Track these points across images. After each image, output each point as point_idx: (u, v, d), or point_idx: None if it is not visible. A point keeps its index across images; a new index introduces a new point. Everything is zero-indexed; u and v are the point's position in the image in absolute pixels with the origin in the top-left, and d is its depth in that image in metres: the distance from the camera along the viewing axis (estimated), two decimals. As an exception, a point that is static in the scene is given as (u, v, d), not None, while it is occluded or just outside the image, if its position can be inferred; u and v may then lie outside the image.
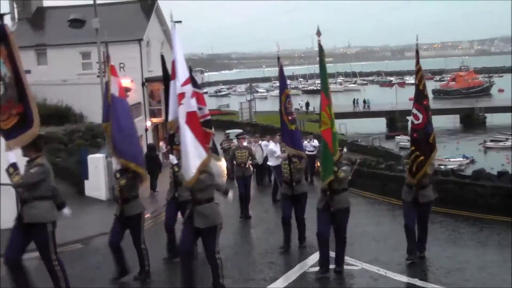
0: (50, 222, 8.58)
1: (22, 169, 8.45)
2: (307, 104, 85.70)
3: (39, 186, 8.49)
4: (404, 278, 9.71)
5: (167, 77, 15.28)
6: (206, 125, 15.03)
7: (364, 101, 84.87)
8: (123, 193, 10.40)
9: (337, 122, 45.42)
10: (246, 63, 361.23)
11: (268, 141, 23.34)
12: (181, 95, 9.14)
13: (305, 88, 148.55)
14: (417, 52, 11.45)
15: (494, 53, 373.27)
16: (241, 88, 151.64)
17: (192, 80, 15.96)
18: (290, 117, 12.70)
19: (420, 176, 10.89)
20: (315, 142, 24.12)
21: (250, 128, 58.64)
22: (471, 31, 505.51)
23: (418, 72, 11.19)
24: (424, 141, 10.93)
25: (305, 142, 22.45)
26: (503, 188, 15.39)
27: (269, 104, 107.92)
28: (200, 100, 15.54)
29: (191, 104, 9.17)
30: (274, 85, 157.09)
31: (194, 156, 8.80)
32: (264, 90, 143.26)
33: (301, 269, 10.42)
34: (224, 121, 67.03)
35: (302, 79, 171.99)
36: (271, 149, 19.85)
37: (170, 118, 14.88)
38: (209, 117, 15.14)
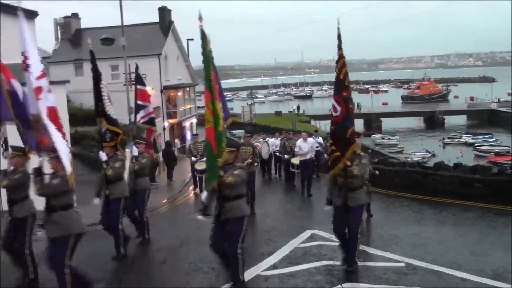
0: None
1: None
2: (298, 108, 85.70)
3: None
4: (378, 252, 9.67)
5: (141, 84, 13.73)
6: (150, 123, 13.38)
7: (357, 105, 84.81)
8: (10, 194, 8.39)
9: (323, 123, 45.16)
10: (247, 73, 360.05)
11: (276, 138, 22.52)
12: (39, 90, 7.28)
13: (297, 94, 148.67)
14: (339, 36, 8.29)
15: (450, 66, 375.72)
16: (243, 94, 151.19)
17: (137, 78, 13.96)
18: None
19: (334, 173, 8.38)
20: (320, 139, 22.43)
21: (251, 127, 58.56)
22: (432, 48, 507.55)
23: (339, 60, 8.43)
24: (341, 136, 8.34)
25: (310, 139, 20.05)
26: (458, 177, 15.41)
27: (266, 107, 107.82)
28: (145, 97, 13.61)
29: (50, 98, 7.35)
30: (270, 91, 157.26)
31: (64, 153, 7.03)
32: (263, 96, 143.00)
33: (292, 245, 10.31)
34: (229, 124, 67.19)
35: (294, 87, 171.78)
36: (299, 146, 17.63)
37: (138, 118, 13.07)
38: (153, 115, 13.62)
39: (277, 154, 21.46)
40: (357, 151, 8.46)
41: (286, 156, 19.20)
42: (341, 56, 8.36)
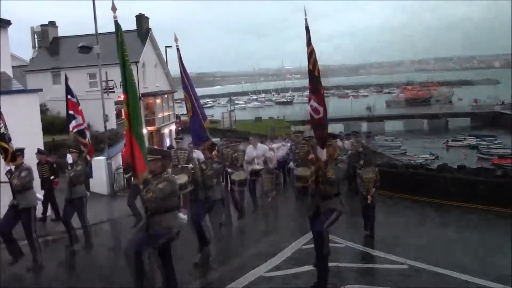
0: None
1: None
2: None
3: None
4: (381, 254, 9.64)
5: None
6: (81, 135, 13.09)
7: (371, 108, 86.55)
8: None
9: (304, 128, 44.56)
10: (228, 80, 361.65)
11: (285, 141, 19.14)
12: None
13: (277, 100, 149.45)
14: (307, 29, 7.46)
15: (431, 70, 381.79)
16: (224, 101, 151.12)
17: (67, 89, 13.77)
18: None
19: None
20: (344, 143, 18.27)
21: (230, 134, 58.37)
22: (412, 53, 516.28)
23: (311, 55, 7.52)
24: (325, 138, 7.66)
25: None
26: (461, 179, 15.57)
27: (247, 113, 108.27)
28: (75, 109, 13.35)
29: None
30: (251, 98, 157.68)
31: None
32: (243, 102, 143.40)
33: (295, 246, 10.27)
34: (209, 129, 67.10)
35: (274, 93, 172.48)
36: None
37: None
38: (83, 127, 13.25)
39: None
40: (334, 154, 7.85)
41: (291, 163, 16.28)
42: (312, 52, 7.53)
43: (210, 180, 9.58)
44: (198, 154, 10.38)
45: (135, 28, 43.74)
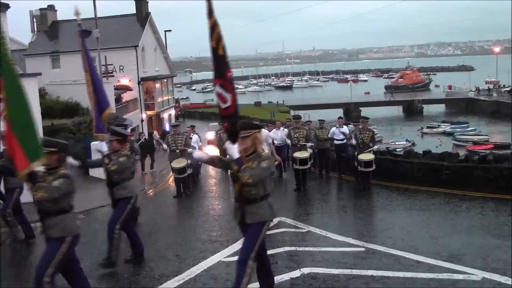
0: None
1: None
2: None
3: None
4: (340, 238, 9.83)
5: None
6: None
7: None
8: None
9: (302, 113, 44.60)
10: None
11: (278, 129, 18.82)
12: None
13: (277, 85, 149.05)
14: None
15: (429, 56, 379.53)
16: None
17: None
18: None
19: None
20: (345, 129, 17.72)
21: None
22: (412, 38, 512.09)
23: (213, 30, 5.96)
24: (235, 132, 6.15)
25: (333, 129, 18.02)
26: (427, 164, 15.71)
27: (246, 98, 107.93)
28: None
29: None
30: (251, 82, 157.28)
31: None
32: (243, 87, 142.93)
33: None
34: (209, 113, 67.42)
35: (274, 77, 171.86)
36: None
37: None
38: None
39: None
40: (252, 149, 6.24)
41: (288, 141, 16.13)
42: (214, 25, 5.96)
43: (115, 176, 8.44)
44: (101, 146, 9.05)
45: (135, 12, 43.73)
